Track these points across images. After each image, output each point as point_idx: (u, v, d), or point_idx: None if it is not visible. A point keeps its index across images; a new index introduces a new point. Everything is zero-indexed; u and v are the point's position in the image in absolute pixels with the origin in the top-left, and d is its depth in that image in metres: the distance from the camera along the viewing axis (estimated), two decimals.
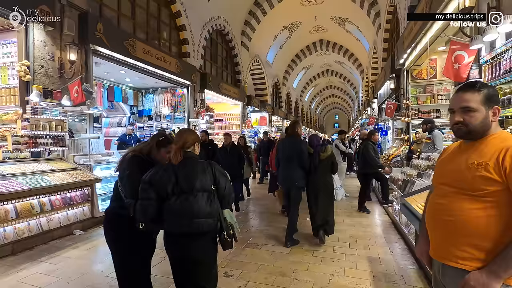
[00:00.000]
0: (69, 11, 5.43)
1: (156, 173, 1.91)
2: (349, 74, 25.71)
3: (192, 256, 1.94)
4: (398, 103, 7.71)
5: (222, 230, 1.97)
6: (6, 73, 5.06)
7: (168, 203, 1.89)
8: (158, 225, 1.94)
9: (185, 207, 1.86)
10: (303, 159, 4.02)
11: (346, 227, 4.87)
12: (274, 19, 14.93)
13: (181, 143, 2.02)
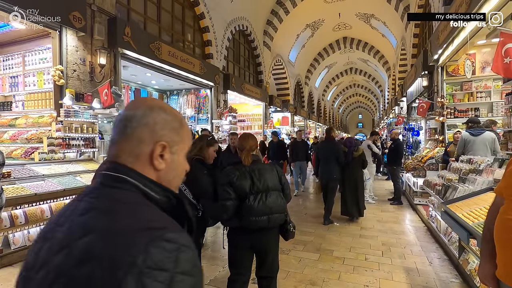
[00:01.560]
0: (99, 16, 5.59)
1: (233, 175, 2.14)
2: (374, 72, 24.84)
3: (264, 247, 2.23)
4: (431, 102, 7.26)
5: (287, 222, 2.28)
6: (42, 78, 5.29)
7: (247, 202, 2.10)
8: (233, 222, 2.16)
9: (264, 205, 2.09)
10: (339, 157, 5.11)
11: (377, 233, 4.63)
12: (297, 17, 14.70)
13: (248, 147, 2.29)
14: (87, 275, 0.43)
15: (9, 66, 5.64)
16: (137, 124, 0.63)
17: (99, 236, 0.47)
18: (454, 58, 6.36)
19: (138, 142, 0.63)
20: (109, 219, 0.50)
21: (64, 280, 0.45)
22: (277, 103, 15.38)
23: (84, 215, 0.53)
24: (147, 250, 0.45)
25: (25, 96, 5.46)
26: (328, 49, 20.77)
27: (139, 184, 0.61)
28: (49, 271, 0.48)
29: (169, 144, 0.65)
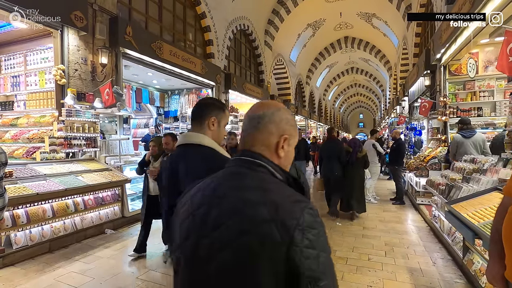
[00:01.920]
0: (100, 16, 5.58)
1: None
2: (375, 71, 24.79)
3: None
4: (433, 101, 7.22)
5: None
6: (43, 77, 5.29)
7: None
8: None
9: None
10: (341, 155, 5.38)
11: (380, 233, 4.60)
12: (298, 17, 14.66)
13: None
14: (266, 232, 0.62)
15: (11, 66, 5.64)
16: (268, 120, 0.81)
17: (270, 206, 0.65)
18: (457, 57, 6.33)
19: (268, 134, 0.80)
20: (270, 195, 0.68)
21: (246, 237, 0.63)
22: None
23: (244, 191, 0.70)
24: (303, 215, 0.65)
25: (27, 95, 5.46)
26: (329, 48, 20.73)
27: (270, 167, 0.78)
28: (227, 232, 0.66)
29: (289, 137, 0.82)
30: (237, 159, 0.81)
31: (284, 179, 0.79)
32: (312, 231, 0.65)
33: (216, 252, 0.66)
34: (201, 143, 1.40)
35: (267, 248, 0.62)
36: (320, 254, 0.65)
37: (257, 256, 0.62)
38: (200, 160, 1.36)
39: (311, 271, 0.63)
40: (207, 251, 0.68)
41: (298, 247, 0.62)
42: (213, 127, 1.47)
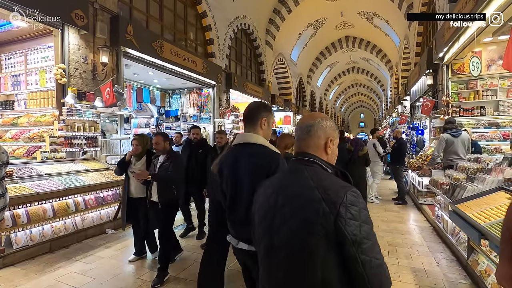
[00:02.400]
0: (101, 14, 5.56)
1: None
2: (376, 71, 24.71)
3: None
4: (436, 100, 7.18)
5: None
6: (44, 77, 5.26)
7: None
8: None
9: None
10: (342, 154, 5.24)
11: (383, 233, 4.57)
12: (299, 16, 14.62)
13: (283, 145, 2.74)
14: (319, 207, 0.88)
15: (11, 65, 5.62)
16: (317, 128, 1.09)
17: (321, 190, 0.91)
18: (460, 56, 6.29)
19: (318, 139, 1.09)
20: (322, 182, 0.95)
21: (305, 211, 0.91)
22: (279, 102, 15.31)
23: (302, 181, 0.99)
24: (346, 196, 0.89)
25: (27, 95, 5.44)
26: (330, 48, 20.67)
27: (321, 164, 1.06)
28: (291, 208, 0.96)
29: (333, 139, 1.10)
30: (295, 160, 1.11)
31: (333, 172, 1.08)
32: (354, 208, 0.89)
33: (286, 221, 0.97)
34: (256, 142, 1.67)
35: (320, 218, 0.89)
36: (361, 224, 0.89)
37: (313, 223, 0.90)
38: (257, 157, 1.63)
39: (354, 235, 0.87)
40: (279, 222, 0.99)
41: (343, 218, 0.87)
42: (264, 127, 1.73)
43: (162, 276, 3.06)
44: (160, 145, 3.26)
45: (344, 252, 0.88)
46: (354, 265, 0.88)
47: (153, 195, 3.24)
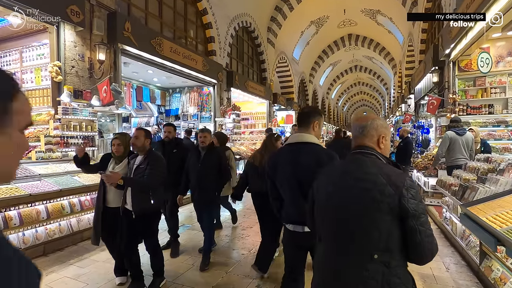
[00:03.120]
0: (98, 11, 5.42)
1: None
2: (379, 69, 24.46)
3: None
4: (442, 98, 6.99)
5: None
6: (39, 74, 5.14)
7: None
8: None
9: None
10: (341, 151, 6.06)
11: None
12: (301, 14, 14.43)
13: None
14: (384, 189, 1.11)
15: (7, 63, 5.50)
16: (369, 128, 1.30)
17: (384, 175, 1.14)
18: (467, 52, 6.10)
19: (371, 137, 1.29)
20: (382, 169, 1.18)
21: (371, 192, 1.13)
22: (281, 101, 15.15)
23: (365, 168, 1.20)
24: (406, 180, 1.13)
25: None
26: (332, 46, 20.45)
27: (378, 155, 1.26)
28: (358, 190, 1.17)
29: (385, 136, 1.31)
30: (354, 152, 1.32)
31: (386, 161, 1.28)
32: (413, 190, 1.13)
33: (355, 200, 1.17)
34: (311, 141, 1.96)
35: (386, 198, 1.11)
36: (419, 203, 1.12)
37: (379, 202, 1.12)
38: (313, 154, 1.92)
39: (415, 211, 1.10)
40: (348, 201, 1.20)
41: (405, 198, 1.11)
42: (316, 128, 2.02)
43: (158, 282, 2.92)
44: (139, 140, 2.75)
45: (406, 225, 1.12)
46: (414, 235, 1.11)
47: (128, 203, 2.74)
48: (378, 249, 1.13)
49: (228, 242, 4.24)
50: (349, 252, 1.18)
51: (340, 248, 1.22)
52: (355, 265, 1.16)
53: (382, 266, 1.12)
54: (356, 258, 1.16)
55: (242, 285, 2.99)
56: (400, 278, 1.14)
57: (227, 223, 5.10)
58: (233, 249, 3.98)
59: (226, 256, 3.72)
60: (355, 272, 1.15)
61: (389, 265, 1.12)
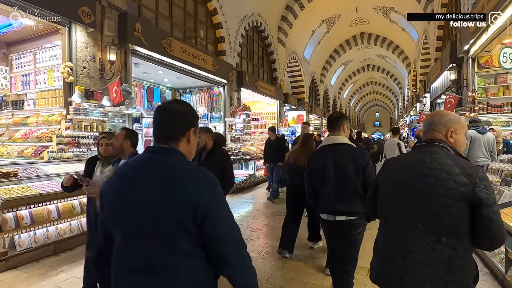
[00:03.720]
0: (109, 12, 5.46)
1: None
2: (393, 68, 23.93)
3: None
4: (460, 97, 6.71)
5: None
6: (52, 75, 5.21)
7: None
8: None
9: None
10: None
11: None
12: (312, 13, 14.25)
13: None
14: (460, 179, 1.20)
15: (21, 64, 5.61)
16: (437, 124, 1.39)
17: (459, 167, 1.23)
18: (488, 48, 5.82)
19: (439, 131, 1.37)
20: (457, 161, 1.26)
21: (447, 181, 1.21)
22: (292, 101, 14.99)
23: (439, 159, 1.29)
24: (479, 172, 1.22)
25: (36, 94, 5.41)
26: (344, 45, 20.14)
27: (448, 148, 1.34)
28: (435, 179, 1.25)
29: (455, 130, 1.36)
30: (427, 144, 1.39)
31: (455, 154, 1.34)
32: (485, 181, 1.21)
33: (431, 187, 1.25)
34: (344, 142, 2.27)
35: (460, 187, 1.20)
36: (491, 194, 1.20)
37: (454, 190, 1.20)
38: (348, 153, 2.23)
39: (488, 200, 1.18)
40: (423, 188, 1.27)
41: (479, 187, 1.19)
42: (346, 131, 2.32)
43: None
44: (117, 141, 2.32)
45: (480, 214, 1.18)
46: (486, 223, 1.18)
47: None
48: (447, 233, 1.22)
49: None
50: (418, 235, 1.27)
51: (409, 231, 1.29)
52: (423, 247, 1.25)
53: (449, 249, 1.21)
54: (425, 241, 1.25)
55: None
56: (465, 261, 1.23)
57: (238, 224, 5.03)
58: None
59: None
60: (422, 253, 1.25)
61: (455, 249, 1.21)
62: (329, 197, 2.24)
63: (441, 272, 1.21)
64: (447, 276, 1.21)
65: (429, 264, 1.23)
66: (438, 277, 1.22)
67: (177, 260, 0.96)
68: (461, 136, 1.38)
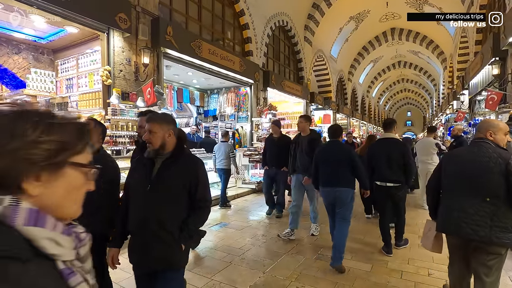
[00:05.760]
0: (143, 17, 5.74)
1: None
2: (426, 64, 22.72)
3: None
4: (504, 93, 6.23)
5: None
6: (92, 79, 5.59)
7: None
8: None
9: None
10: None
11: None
12: (340, 10, 13.95)
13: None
14: (496, 161, 1.92)
15: (66, 69, 6.07)
16: (479, 127, 2.14)
17: (498, 154, 1.94)
18: None
19: (481, 132, 2.08)
20: (496, 150, 1.97)
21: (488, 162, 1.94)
22: (319, 100, 14.77)
23: (484, 150, 1.99)
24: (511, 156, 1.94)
25: (78, 96, 5.82)
26: (373, 42, 19.49)
27: (490, 142, 2.01)
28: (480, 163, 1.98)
29: (493, 132, 2.03)
30: (477, 141, 2.07)
31: (495, 146, 1.99)
32: None
33: (477, 167, 1.97)
34: (394, 137, 3.72)
35: (497, 165, 1.89)
36: None
37: (493, 167, 1.90)
38: (397, 144, 3.68)
39: None
40: (474, 167, 1.99)
41: (510, 165, 1.86)
42: (395, 130, 3.80)
43: None
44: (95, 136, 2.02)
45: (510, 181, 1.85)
46: None
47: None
48: (490, 195, 1.90)
49: (265, 242, 4.19)
50: (472, 196, 1.96)
51: (466, 194, 2.00)
52: (475, 203, 1.94)
53: (492, 205, 1.89)
54: (476, 200, 1.94)
55: (279, 286, 2.92)
56: (504, 213, 1.88)
57: (264, 222, 5.07)
58: (270, 249, 3.92)
59: (263, 256, 3.67)
60: (474, 208, 1.94)
61: (496, 205, 1.89)
62: (383, 171, 3.59)
63: (487, 220, 1.88)
64: (491, 222, 1.87)
65: (478, 215, 1.91)
66: (484, 223, 1.88)
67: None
68: (499, 136, 2.03)
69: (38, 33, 5.59)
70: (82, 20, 4.62)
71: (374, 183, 3.66)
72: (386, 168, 3.54)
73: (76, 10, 4.45)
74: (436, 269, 3.24)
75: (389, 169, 3.54)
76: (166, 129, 1.74)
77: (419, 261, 3.44)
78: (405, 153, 3.54)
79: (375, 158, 3.67)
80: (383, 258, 3.56)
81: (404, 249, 3.83)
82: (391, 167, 3.53)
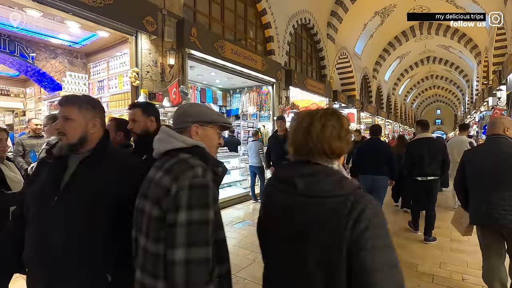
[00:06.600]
0: (168, 20, 5.91)
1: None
2: (458, 59, 21.48)
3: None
4: None
5: None
6: (122, 80, 5.84)
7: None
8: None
9: None
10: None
11: (475, 248, 3.76)
12: (364, 5, 13.55)
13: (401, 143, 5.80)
14: None
15: (97, 72, 6.40)
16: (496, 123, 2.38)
17: None
18: None
19: (498, 128, 2.34)
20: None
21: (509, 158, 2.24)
22: (342, 98, 14.46)
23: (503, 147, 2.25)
24: None
25: (109, 97, 6.11)
26: (400, 37, 18.75)
27: (506, 137, 2.30)
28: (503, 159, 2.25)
29: (508, 127, 2.31)
30: (494, 137, 2.33)
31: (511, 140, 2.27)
32: None
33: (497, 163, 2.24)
34: (431, 137, 4.26)
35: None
36: None
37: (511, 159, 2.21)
38: (434, 142, 4.21)
39: None
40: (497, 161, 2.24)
41: None
42: (429, 130, 4.36)
43: None
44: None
45: None
46: None
47: None
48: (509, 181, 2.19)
49: None
50: (496, 189, 2.21)
51: (488, 187, 2.25)
52: (498, 194, 2.18)
53: None
54: (499, 191, 2.19)
55: None
56: None
57: None
58: None
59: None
60: (502, 199, 2.16)
61: None
62: (425, 167, 4.03)
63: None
64: None
65: (508, 205, 2.14)
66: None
67: None
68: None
69: (72, 38, 5.93)
70: (112, 25, 4.85)
71: (414, 178, 4.11)
72: (428, 164, 3.99)
73: (108, 15, 4.67)
74: (471, 274, 3.07)
75: (430, 165, 4.01)
76: (89, 116, 1.23)
77: (451, 265, 3.28)
78: (444, 151, 4.08)
79: (416, 155, 4.06)
80: (413, 260, 3.43)
81: (435, 252, 3.67)
82: (431, 163, 4.00)
